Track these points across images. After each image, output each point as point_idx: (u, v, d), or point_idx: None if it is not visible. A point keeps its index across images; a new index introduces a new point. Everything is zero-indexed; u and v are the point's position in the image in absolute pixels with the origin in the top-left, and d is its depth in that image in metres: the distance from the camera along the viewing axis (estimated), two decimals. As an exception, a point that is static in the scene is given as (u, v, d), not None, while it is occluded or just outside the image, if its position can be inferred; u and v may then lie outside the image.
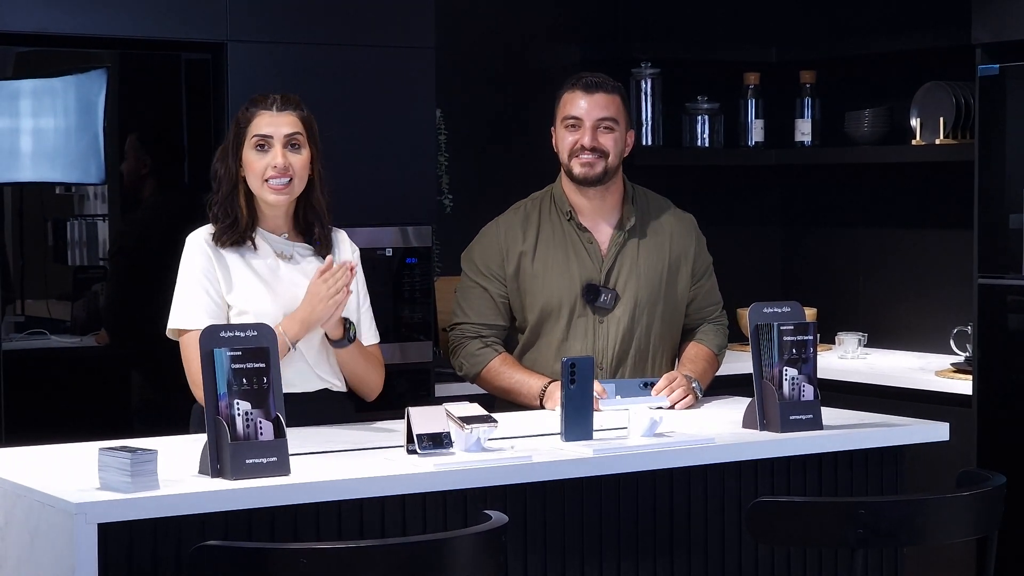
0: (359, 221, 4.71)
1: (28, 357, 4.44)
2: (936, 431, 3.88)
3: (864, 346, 5.76)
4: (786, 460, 3.69)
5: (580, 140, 4.21)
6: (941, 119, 5.49)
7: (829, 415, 3.83)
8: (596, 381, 3.79)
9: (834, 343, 5.82)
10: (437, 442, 3.29)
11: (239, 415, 3.09)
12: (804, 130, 6.08)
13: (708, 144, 6.11)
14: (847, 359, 5.67)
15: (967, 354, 5.21)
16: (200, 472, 3.14)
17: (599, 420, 3.61)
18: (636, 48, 5.98)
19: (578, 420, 3.51)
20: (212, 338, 3.12)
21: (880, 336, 5.94)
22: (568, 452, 3.44)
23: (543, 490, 3.40)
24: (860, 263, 6.11)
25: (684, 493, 3.58)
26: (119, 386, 4.57)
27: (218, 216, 3.80)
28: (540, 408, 4.15)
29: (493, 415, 3.40)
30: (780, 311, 3.73)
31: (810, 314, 5.70)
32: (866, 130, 5.84)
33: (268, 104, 3.80)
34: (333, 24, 4.76)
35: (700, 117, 6.09)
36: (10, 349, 4.39)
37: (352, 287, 3.79)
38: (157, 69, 4.64)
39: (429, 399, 4.83)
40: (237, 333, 3.15)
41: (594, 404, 3.58)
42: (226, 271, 3.77)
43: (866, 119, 5.83)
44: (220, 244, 3.79)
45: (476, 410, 3.37)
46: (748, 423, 3.75)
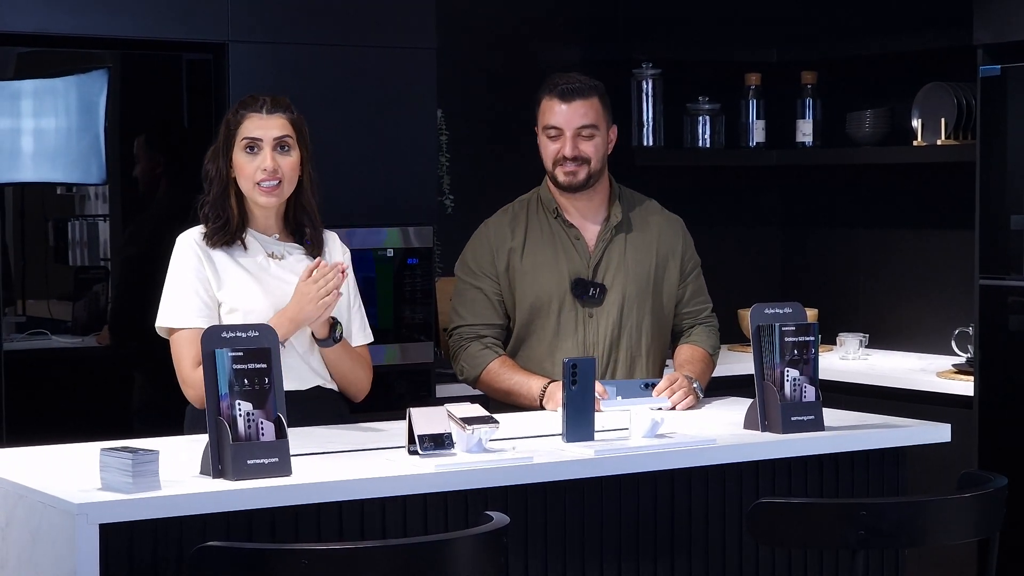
0: (360, 221, 4.72)
1: (29, 357, 4.44)
2: (937, 432, 3.87)
3: (865, 347, 5.76)
4: (787, 461, 3.69)
5: (562, 150, 4.23)
6: (942, 120, 5.48)
7: (830, 416, 3.83)
8: (597, 382, 3.79)
9: (835, 344, 5.82)
10: (438, 443, 3.29)
11: (240, 416, 3.09)
12: (805, 131, 6.07)
13: (709, 145, 6.11)
14: (848, 360, 5.67)
15: (968, 355, 5.21)
16: (201, 473, 3.14)
17: (600, 421, 3.61)
18: (637, 48, 5.98)
19: (579, 421, 3.51)
20: (214, 339, 3.12)
21: (881, 337, 5.93)
22: (569, 453, 3.44)
23: (544, 491, 3.40)
24: (861, 264, 6.10)
25: (685, 494, 3.58)
26: (120, 387, 4.57)
27: (209, 216, 3.81)
28: (540, 409, 4.15)
29: (494, 416, 3.40)
30: (782, 312, 3.73)
31: (811, 315, 5.69)
32: (867, 131, 5.84)
33: (258, 107, 3.80)
34: (334, 25, 4.76)
35: (701, 118, 6.09)
36: (11, 349, 4.39)
37: (343, 289, 3.80)
38: (158, 69, 4.64)
39: (430, 400, 4.83)
40: (239, 334, 3.15)
41: (595, 405, 3.58)
42: (215, 270, 3.78)
43: (867, 120, 5.83)
44: (211, 244, 3.79)
45: (477, 411, 3.37)
46: (749, 424, 3.75)
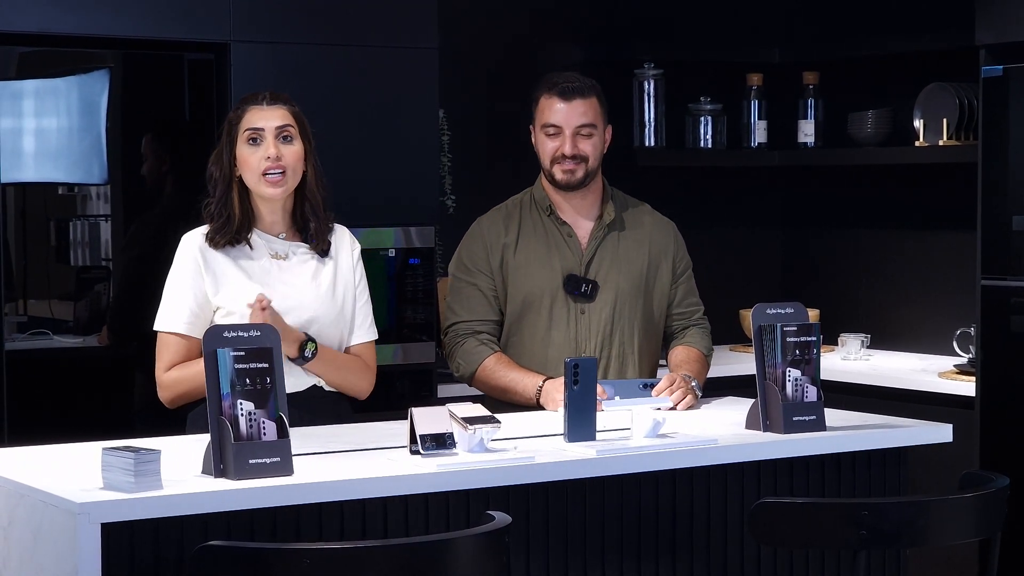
0: (362, 221, 4.71)
1: (31, 357, 4.44)
2: (939, 433, 3.87)
3: (867, 347, 5.76)
4: (789, 461, 3.69)
5: (561, 148, 4.25)
6: (944, 120, 5.48)
7: (832, 416, 3.83)
8: (598, 383, 3.79)
9: (837, 344, 5.81)
10: (440, 443, 3.29)
11: (242, 415, 3.09)
12: (807, 131, 6.07)
13: (711, 145, 6.10)
14: (850, 360, 5.67)
15: (970, 356, 5.20)
16: (203, 472, 3.14)
17: (602, 421, 3.60)
18: (639, 49, 5.98)
19: (581, 421, 3.51)
20: (215, 338, 3.12)
21: (883, 337, 5.93)
22: (571, 453, 3.44)
23: (546, 491, 3.40)
24: (863, 264, 6.10)
25: (687, 494, 3.58)
26: (122, 386, 4.57)
27: (213, 216, 3.82)
28: (536, 405, 4.15)
29: (496, 416, 3.40)
30: (783, 312, 3.73)
31: (813, 315, 5.69)
32: (869, 131, 5.84)
33: (258, 100, 3.83)
34: (336, 24, 4.76)
35: (703, 118, 6.08)
36: (13, 349, 4.39)
37: (343, 286, 3.84)
38: (160, 69, 4.64)
39: (432, 399, 4.82)
40: (240, 333, 3.15)
41: (597, 405, 3.58)
42: (214, 274, 3.77)
43: (869, 120, 5.83)
44: (214, 244, 3.79)
45: (479, 411, 3.37)
46: (751, 424, 3.75)
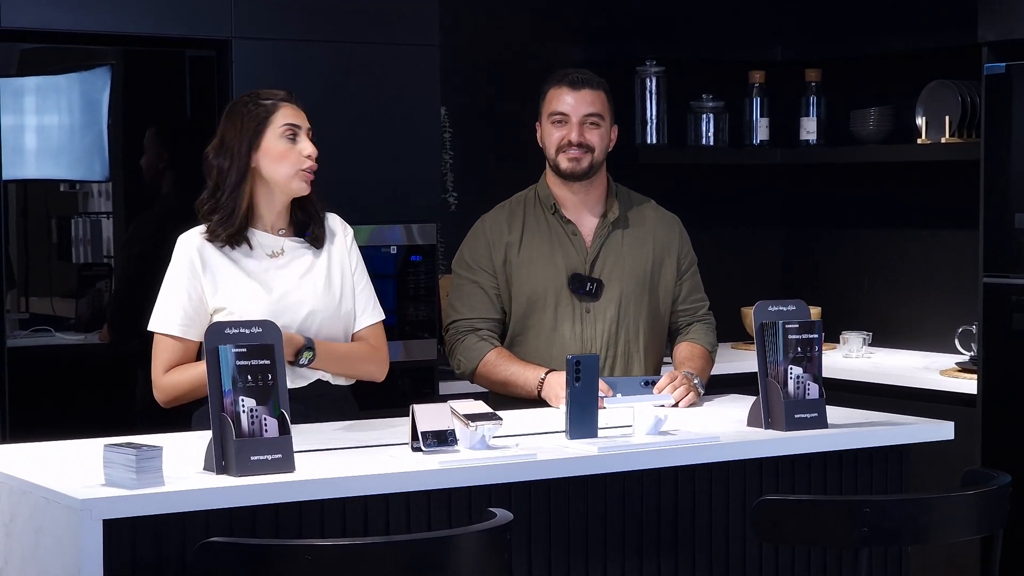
0: (363, 218, 4.71)
1: (33, 354, 4.44)
2: (941, 430, 3.87)
3: (869, 345, 5.76)
4: (791, 459, 3.68)
5: (567, 136, 4.25)
6: (947, 118, 5.48)
7: (834, 414, 3.83)
8: (600, 380, 3.79)
9: (839, 342, 5.81)
10: (442, 440, 3.29)
11: (244, 412, 3.09)
12: (809, 129, 6.07)
13: (713, 143, 6.10)
14: (852, 358, 5.67)
15: (972, 353, 5.20)
16: (205, 469, 3.14)
17: (604, 418, 3.60)
18: (641, 46, 5.97)
19: (583, 418, 3.51)
20: (217, 335, 3.12)
21: (885, 335, 5.93)
22: (573, 450, 3.44)
23: (548, 488, 3.40)
24: (865, 262, 6.10)
25: (689, 491, 3.58)
26: (124, 383, 4.57)
27: (221, 205, 3.75)
28: (537, 398, 4.15)
29: (498, 412, 3.40)
30: (785, 309, 3.73)
31: (815, 313, 5.67)
32: (871, 129, 5.84)
33: (285, 96, 3.80)
34: (337, 21, 4.76)
35: (705, 115, 6.08)
36: (15, 346, 4.39)
37: (342, 272, 3.84)
38: (161, 66, 4.64)
39: (433, 397, 4.82)
40: (242, 330, 3.15)
41: (599, 402, 3.58)
42: (212, 274, 3.75)
43: (871, 118, 5.83)
44: (215, 239, 3.76)
45: (481, 407, 3.36)
46: (753, 421, 3.75)
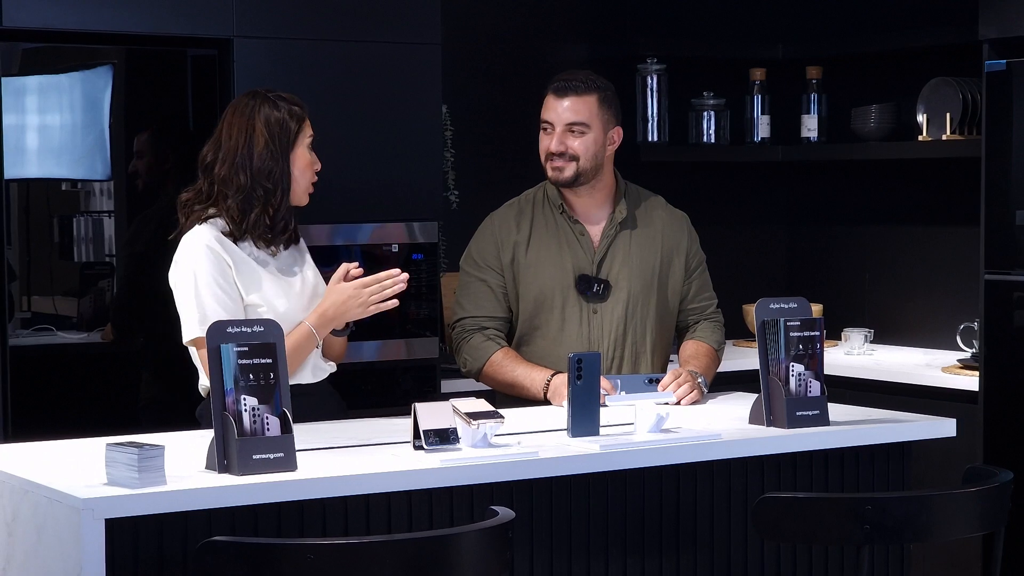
0: (365, 216, 4.72)
1: (34, 353, 4.44)
2: (943, 427, 3.87)
3: (870, 342, 5.76)
4: (792, 456, 3.69)
5: (549, 145, 4.23)
6: (948, 115, 5.48)
7: (836, 411, 3.83)
8: (603, 378, 3.79)
9: (840, 339, 5.81)
10: (444, 438, 3.29)
11: (246, 411, 3.09)
12: (810, 126, 6.07)
13: (714, 140, 6.10)
14: (853, 355, 5.67)
15: (974, 350, 5.20)
16: (207, 468, 3.14)
17: (605, 416, 3.61)
18: (642, 44, 5.97)
19: (584, 416, 3.51)
20: (219, 334, 3.13)
21: (886, 332, 5.93)
22: (575, 448, 3.44)
23: (549, 486, 3.40)
24: (866, 259, 6.10)
25: (690, 489, 3.58)
26: (126, 382, 4.57)
27: (277, 206, 3.73)
28: (544, 400, 4.15)
29: (499, 411, 3.40)
30: (787, 307, 3.73)
31: (816, 310, 5.68)
32: (873, 126, 5.83)
33: (303, 107, 3.81)
34: (339, 20, 4.76)
35: (706, 113, 6.08)
36: (16, 345, 4.39)
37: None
38: (163, 65, 4.64)
39: (435, 395, 4.83)
40: (244, 329, 3.15)
41: (600, 400, 3.58)
42: (240, 269, 3.72)
43: (873, 115, 5.83)
44: (239, 235, 3.72)
45: (483, 406, 3.37)
46: (754, 419, 3.75)
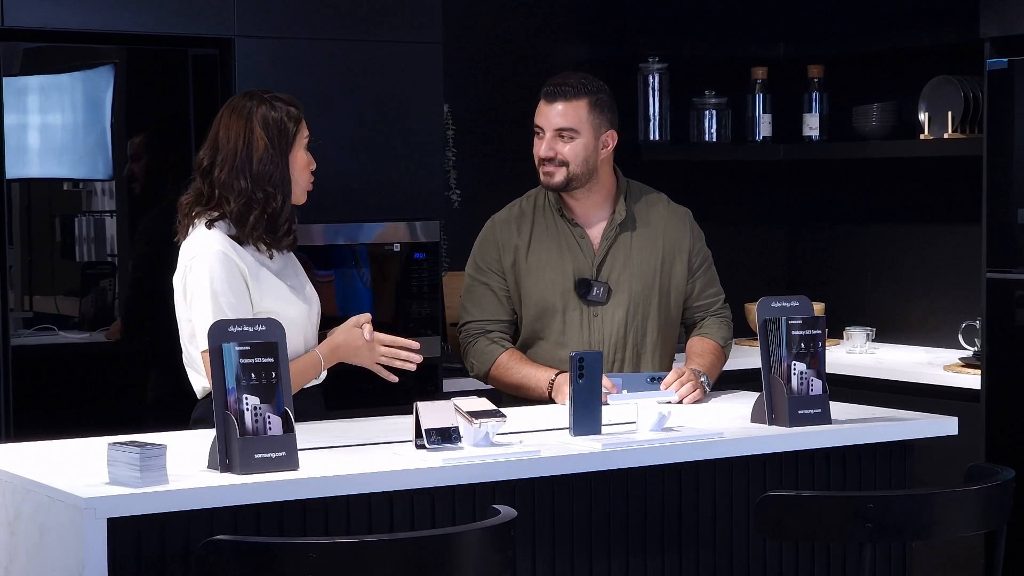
0: (367, 216, 4.72)
1: (36, 353, 4.44)
2: (944, 425, 3.87)
3: (872, 341, 5.76)
4: (794, 455, 3.69)
5: (540, 150, 4.24)
6: (949, 113, 5.48)
7: (837, 410, 3.83)
8: (605, 376, 3.79)
9: (842, 338, 5.81)
10: (445, 437, 3.29)
11: (248, 410, 3.09)
12: (812, 125, 6.07)
13: (716, 139, 6.10)
14: (855, 354, 5.67)
15: (975, 349, 5.20)
16: (209, 467, 3.14)
17: (607, 415, 3.61)
18: (644, 43, 5.97)
19: (586, 415, 3.51)
20: (221, 333, 3.13)
21: (888, 331, 5.93)
22: (576, 447, 3.44)
23: (551, 485, 3.40)
24: (868, 258, 6.10)
25: (692, 488, 3.58)
26: (127, 382, 4.57)
27: (280, 210, 3.71)
28: (549, 400, 4.15)
29: (501, 410, 3.40)
30: (788, 305, 3.73)
31: (818, 309, 5.68)
32: (874, 125, 5.83)
33: (298, 104, 3.80)
34: (340, 19, 4.77)
35: (708, 112, 6.08)
36: (18, 345, 4.39)
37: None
38: (164, 65, 4.64)
39: (437, 394, 4.83)
40: (246, 328, 3.15)
41: (602, 398, 3.58)
42: (255, 277, 3.69)
43: (874, 114, 5.83)
44: (249, 240, 3.70)
45: (484, 405, 3.37)
46: (756, 417, 3.75)
